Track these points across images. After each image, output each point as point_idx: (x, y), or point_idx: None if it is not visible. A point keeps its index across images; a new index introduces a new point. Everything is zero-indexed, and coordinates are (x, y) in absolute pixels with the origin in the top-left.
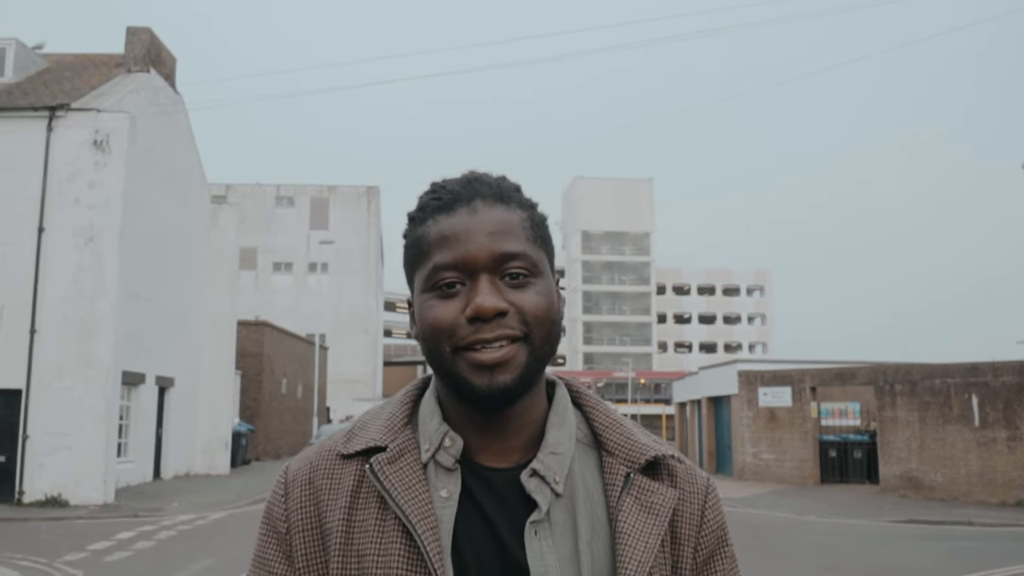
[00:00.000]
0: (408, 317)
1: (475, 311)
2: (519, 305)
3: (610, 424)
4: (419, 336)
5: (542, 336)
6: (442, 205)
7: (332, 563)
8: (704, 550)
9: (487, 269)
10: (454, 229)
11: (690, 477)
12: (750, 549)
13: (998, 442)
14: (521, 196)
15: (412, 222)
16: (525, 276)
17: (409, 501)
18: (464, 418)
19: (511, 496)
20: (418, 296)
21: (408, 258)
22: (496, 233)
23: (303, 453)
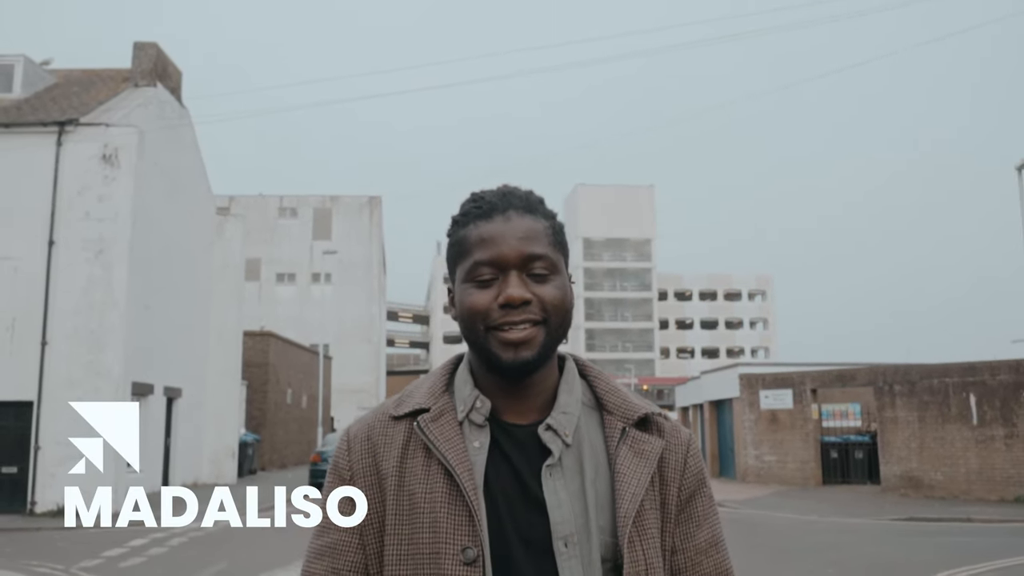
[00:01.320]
0: (409, 324)
1: (506, 299)
2: (540, 296)
3: (609, 390)
4: (458, 317)
5: (557, 322)
6: (482, 212)
7: (388, 501)
8: (687, 489)
9: (516, 266)
10: (491, 233)
11: (675, 432)
12: (752, 548)
13: (996, 440)
14: (545, 208)
15: (455, 224)
16: (546, 274)
17: (450, 450)
18: (492, 384)
19: (530, 446)
20: (459, 285)
21: (451, 254)
22: (525, 238)
23: (360, 417)
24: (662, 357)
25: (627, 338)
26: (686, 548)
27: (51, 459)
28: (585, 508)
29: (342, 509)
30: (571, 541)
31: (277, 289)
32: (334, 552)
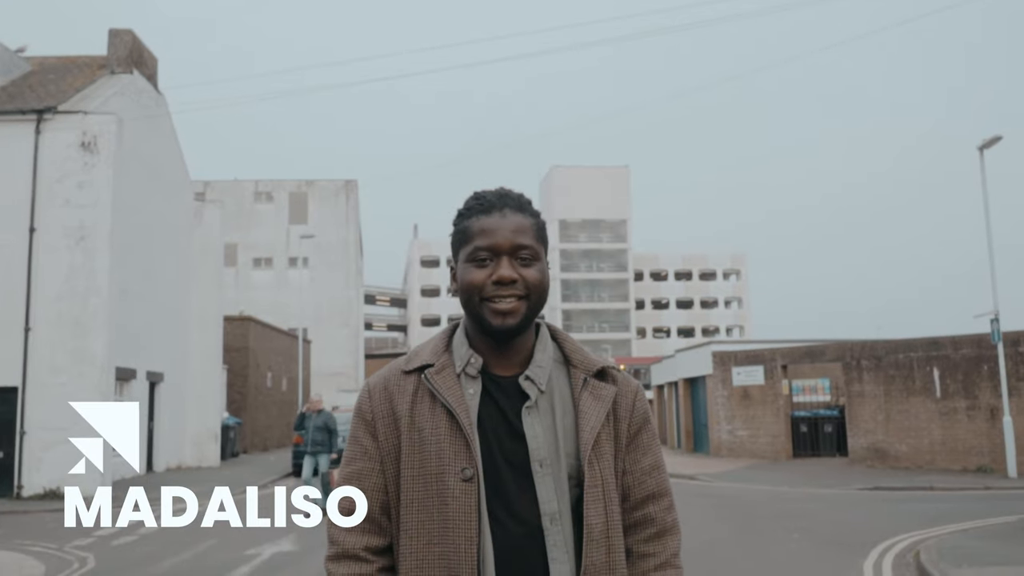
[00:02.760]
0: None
1: (499, 278)
2: (525, 277)
3: (574, 349)
4: (458, 289)
5: (536, 298)
6: (483, 208)
7: (402, 436)
8: (635, 425)
9: (508, 253)
10: (490, 225)
11: (626, 381)
12: (723, 518)
13: (958, 412)
14: (532, 208)
15: (460, 216)
16: (530, 260)
17: (450, 396)
18: (484, 344)
19: (513, 392)
20: (461, 264)
21: (455, 239)
22: (516, 231)
23: (377, 373)
24: (638, 337)
25: (603, 318)
26: (634, 470)
27: (37, 443)
28: (555, 438)
29: (363, 442)
30: (545, 463)
31: (254, 274)
32: (360, 476)
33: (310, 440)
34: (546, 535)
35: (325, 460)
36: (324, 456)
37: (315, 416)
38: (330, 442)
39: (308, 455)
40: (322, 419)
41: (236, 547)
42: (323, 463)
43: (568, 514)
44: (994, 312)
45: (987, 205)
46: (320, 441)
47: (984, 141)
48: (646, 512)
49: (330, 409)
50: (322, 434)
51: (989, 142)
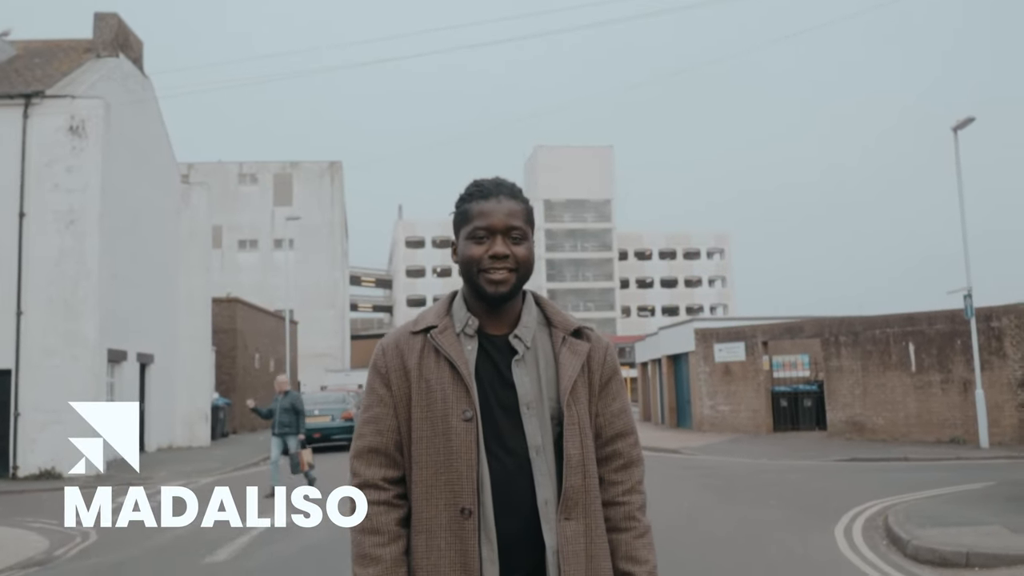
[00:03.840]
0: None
1: (494, 253)
2: (515, 253)
3: (554, 312)
4: (459, 261)
5: (524, 270)
6: (481, 194)
7: (412, 386)
8: (605, 376)
9: (501, 232)
10: (487, 209)
11: (598, 339)
12: (703, 487)
13: (933, 385)
14: (523, 196)
15: (462, 200)
16: (520, 239)
17: (452, 351)
18: (479, 308)
19: (504, 348)
20: (462, 240)
21: (457, 220)
22: (509, 214)
23: (388, 334)
24: (623, 316)
25: (588, 298)
26: (605, 413)
27: (31, 425)
28: (540, 386)
29: (378, 391)
30: (531, 406)
31: (239, 256)
32: (376, 420)
33: (277, 422)
34: (533, 464)
35: (294, 441)
36: (292, 437)
37: (282, 397)
38: (297, 423)
39: (275, 436)
40: (289, 400)
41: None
42: (292, 444)
43: (551, 447)
44: (967, 288)
45: (961, 185)
46: (287, 423)
47: (958, 122)
48: (615, 447)
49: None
50: (289, 415)
51: (963, 123)
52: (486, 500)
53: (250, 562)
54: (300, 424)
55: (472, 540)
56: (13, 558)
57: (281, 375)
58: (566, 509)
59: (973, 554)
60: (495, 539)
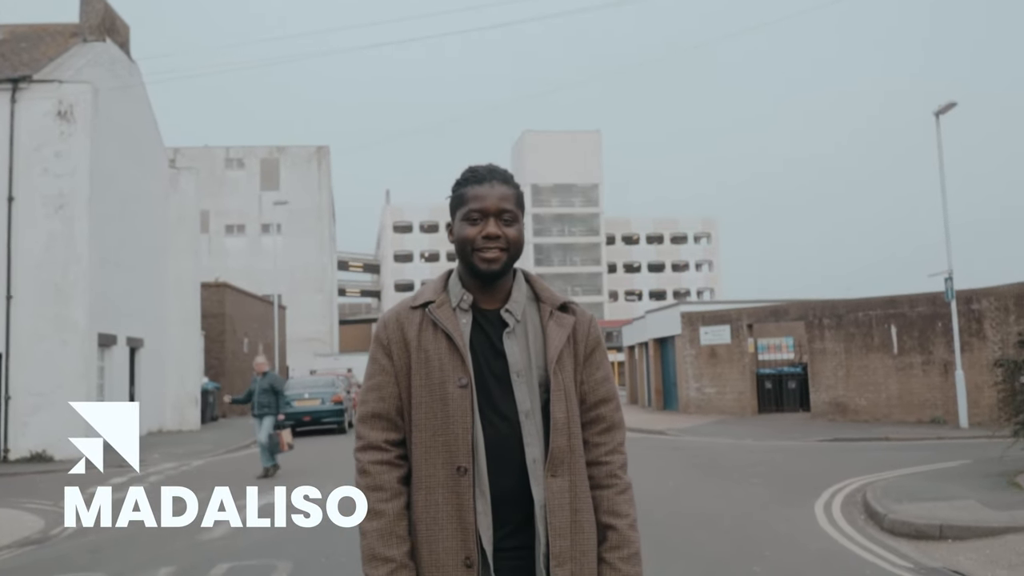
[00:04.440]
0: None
1: (487, 234)
2: (506, 234)
3: (542, 288)
4: (455, 241)
5: (514, 250)
6: (476, 179)
7: (412, 356)
8: (589, 346)
9: (494, 215)
10: (481, 193)
11: (583, 313)
12: (688, 467)
13: (914, 367)
14: (513, 181)
15: (458, 184)
16: (511, 221)
17: (448, 324)
18: (473, 285)
19: (496, 321)
20: (457, 222)
21: (453, 202)
22: (501, 198)
23: (390, 309)
24: (610, 300)
25: (576, 282)
26: (589, 381)
27: (22, 408)
28: (529, 356)
29: (380, 361)
30: (520, 374)
31: (227, 241)
32: (379, 388)
33: (256, 403)
34: (522, 427)
35: (270, 421)
36: (269, 418)
37: (260, 379)
38: (276, 403)
39: (255, 417)
40: (268, 381)
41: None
42: (267, 424)
43: (539, 412)
44: (948, 271)
45: (942, 169)
46: (266, 403)
47: (940, 107)
48: (599, 412)
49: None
50: (268, 396)
51: (945, 108)
52: (480, 459)
53: (245, 538)
54: (280, 404)
55: (468, 495)
56: (9, 537)
57: (259, 356)
58: (552, 467)
59: (947, 526)
60: (488, 494)
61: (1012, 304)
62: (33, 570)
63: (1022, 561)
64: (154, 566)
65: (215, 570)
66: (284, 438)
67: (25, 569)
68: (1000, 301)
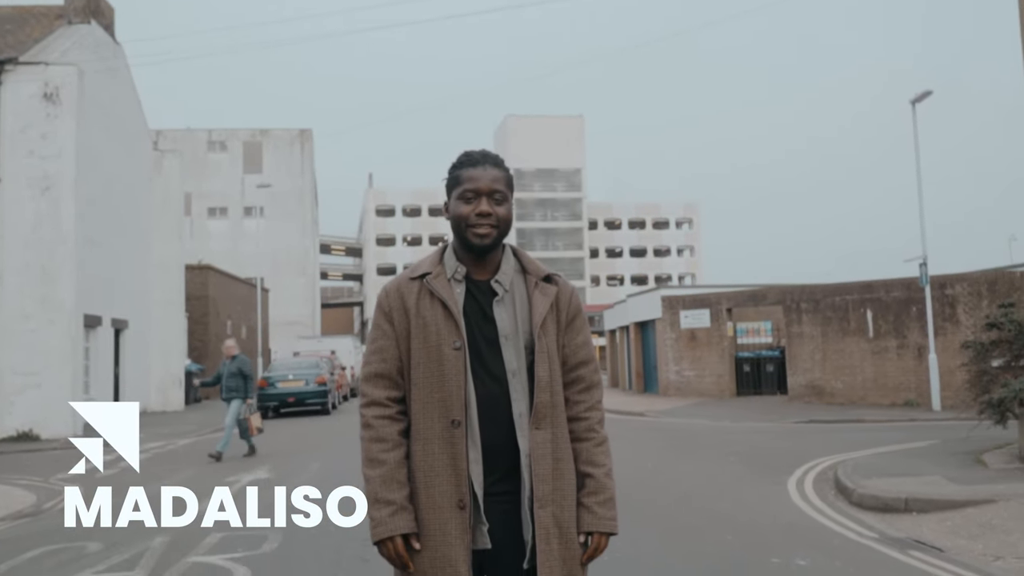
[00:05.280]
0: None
1: (479, 212)
2: (497, 212)
3: (529, 262)
4: (450, 218)
5: (504, 226)
6: (470, 162)
7: (411, 322)
8: (570, 314)
9: (486, 194)
10: (475, 175)
11: (565, 284)
12: (666, 446)
13: (889, 351)
14: (504, 165)
15: (454, 167)
16: (502, 200)
17: (444, 293)
18: (467, 258)
19: (487, 291)
20: (453, 200)
21: (450, 183)
22: (493, 180)
23: (390, 280)
24: (593, 285)
25: (558, 267)
26: (570, 344)
27: (9, 388)
28: (516, 321)
29: (383, 327)
30: (508, 337)
31: (209, 223)
32: (381, 351)
33: (224, 386)
34: (510, 385)
35: (238, 405)
36: (237, 401)
37: (229, 362)
38: (245, 387)
39: (224, 400)
40: (236, 365)
41: (217, 475)
42: (234, 407)
43: (524, 371)
44: (923, 257)
45: (918, 155)
46: (234, 387)
47: (916, 95)
48: (579, 373)
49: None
50: (236, 380)
51: (920, 96)
52: (472, 414)
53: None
54: (248, 388)
55: (461, 446)
56: (3, 511)
57: (228, 340)
58: (536, 420)
59: (912, 499)
60: (480, 445)
61: (985, 290)
62: (26, 542)
63: (982, 531)
64: (148, 535)
65: (208, 540)
66: (253, 422)
67: (22, 539)
68: (973, 287)
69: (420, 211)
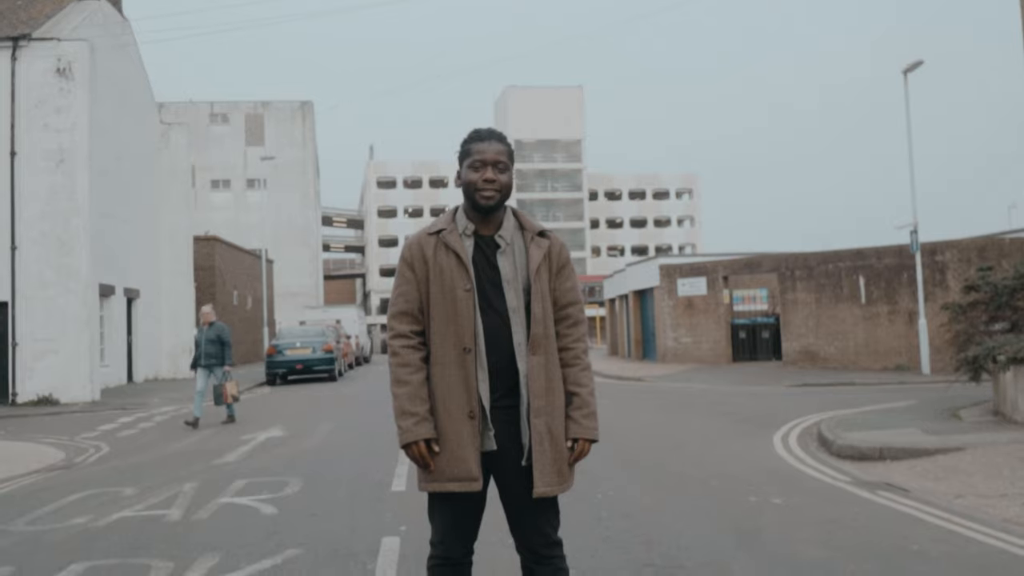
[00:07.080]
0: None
1: (485, 178)
2: (499, 179)
3: (526, 221)
4: (461, 183)
5: (506, 191)
6: (479, 138)
7: (430, 270)
8: (560, 263)
9: (491, 164)
10: (483, 148)
11: (556, 239)
12: (661, 406)
13: (880, 316)
14: (507, 140)
15: (465, 142)
16: (504, 169)
17: (456, 246)
18: (475, 217)
19: (491, 244)
20: (464, 169)
21: (462, 154)
22: (497, 152)
23: (413, 235)
24: (593, 256)
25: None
26: (560, 288)
27: (29, 353)
28: (515, 269)
29: (406, 275)
30: (509, 282)
31: (212, 195)
32: (406, 293)
33: (203, 353)
34: (511, 319)
35: (219, 372)
36: (218, 368)
37: (207, 329)
38: (223, 354)
39: (202, 368)
40: (214, 331)
41: (233, 434)
42: (217, 375)
43: (523, 309)
44: (913, 224)
45: (909, 124)
46: (212, 354)
47: (908, 65)
48: (567, 311)
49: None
50: (214, 346)
51: (912, 66)
52: (480, 342)
53: (257, 462)
54: (226, 355)
55: (471, 368)
56: (37, 464)
57: (205, 307)
58: (533, 348)
59: (886, 449)
60: (487, 368)
61: (975, 256)
62: (64, 489)
63: (947, 474)
64: (178, 482)
65: (234, 485)
66: (228, 389)
67: (61, 487)
68: (963, 253)
69: (421, 183)
